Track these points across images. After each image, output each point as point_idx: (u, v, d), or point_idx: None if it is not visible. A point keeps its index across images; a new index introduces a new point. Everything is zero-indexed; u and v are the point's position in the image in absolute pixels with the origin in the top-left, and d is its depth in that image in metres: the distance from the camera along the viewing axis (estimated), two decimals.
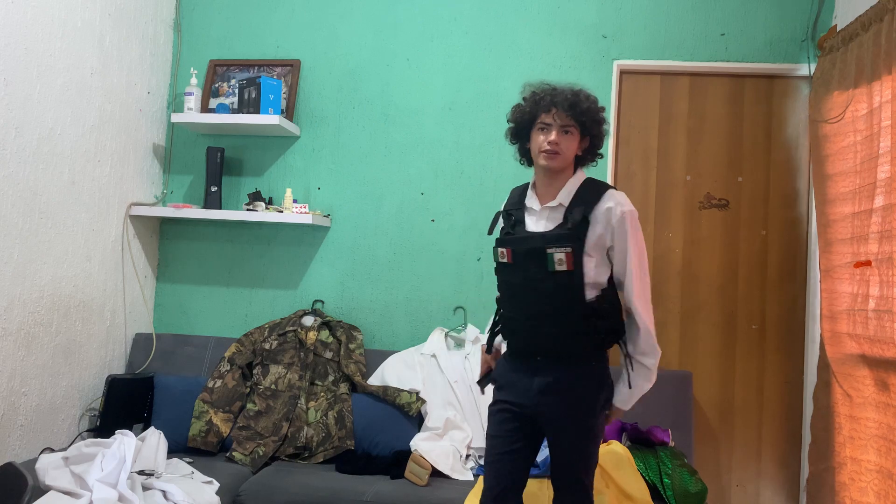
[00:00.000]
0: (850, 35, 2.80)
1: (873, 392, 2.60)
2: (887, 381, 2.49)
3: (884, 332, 2.49)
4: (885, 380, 2.51)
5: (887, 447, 2.52)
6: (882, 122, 2.52)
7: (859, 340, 2.66)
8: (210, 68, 3.51)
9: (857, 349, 2.68)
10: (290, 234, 3.44)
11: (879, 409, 2.56)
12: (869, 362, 2.60)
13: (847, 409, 2.77)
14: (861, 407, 2.67)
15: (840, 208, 2.82)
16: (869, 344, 2.58)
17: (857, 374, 2.69)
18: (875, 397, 2.58)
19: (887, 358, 2.48)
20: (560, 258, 2.00)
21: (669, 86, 3.34)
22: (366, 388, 3.05)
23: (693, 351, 3.26)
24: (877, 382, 2.58)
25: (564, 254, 2.00)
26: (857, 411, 2.70)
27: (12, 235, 2.60)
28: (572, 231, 2.01)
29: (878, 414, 2.56)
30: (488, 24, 3.39)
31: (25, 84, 2.63)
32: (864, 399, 2.65)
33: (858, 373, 2.68)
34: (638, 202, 3.30)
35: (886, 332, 2.48)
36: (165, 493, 2.38)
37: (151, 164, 3.43)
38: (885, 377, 2.51)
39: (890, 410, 2.50)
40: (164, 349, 3.29)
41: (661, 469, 2.64)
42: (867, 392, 2.63)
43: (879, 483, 2.56)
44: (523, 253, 2.06)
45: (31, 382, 2.71)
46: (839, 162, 2.85)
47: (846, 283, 2.77)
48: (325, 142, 3.45)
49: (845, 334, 2.77)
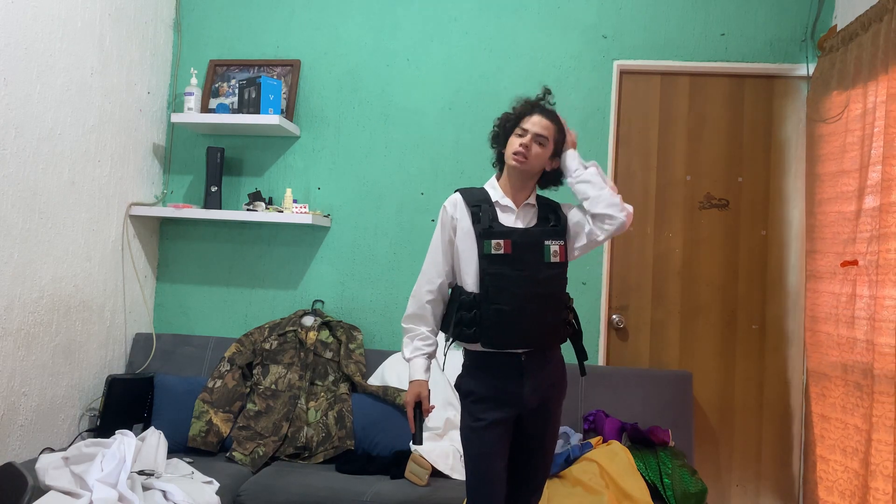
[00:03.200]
0: (849, 35, 2.80)
1: (843, 393, 2.61)
2: (861, 383, 2.50)
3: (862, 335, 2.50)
4: (858, 381, 2.52)
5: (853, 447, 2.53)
6: (876, 123, 2.52)
7: (838, 341, 2.67)
8: (210, 68, 3.51)
9: (835, 350, 2.69)
10: (290, 234, 3.44)
11: (848, 411, 2.57)
12: (845, 364, 2.61)
13: (820, 408, 2.79)
14: (832, 407, 2.69)
15: (830, 208, 2.83)
16: (849, 345, 2.59)
17: (832, 374, 2.70)
18: (845, 399, 2.60)
19: (863, 361, 2.48)
20: (555, 250, 2.13)
21: (669, 86, 3.34)
22: (366, 388, 3.05)
23: (693, 351, 3.26)
24: (849, 384, 2.58)
25: (558, 246, 2.14)
26: (828, 411, 2.72)
27: (12, 235, 2.60)
28: (557, 226, 2.17)
29: (847, 415, 2.57)
30: (488, 24, 3.39)
31: (25, 84, 2.63)
32: (835, 399, 2.67)
33: (834, 373, 2.69)
34: (638, 202, 3.30)
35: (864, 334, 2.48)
36: (165, 493, 2.38)
37: (151, 164, 3.43)
38: (858, 379, 2.52)
39: (858, 412, 2.51)
40: (164, 349, 3.29)
41: (661, 469, 2.64)
42: (838, 392, 2.64)
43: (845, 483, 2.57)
44: (523, 244, 2.10)
45: (31, 382, 2.71)
46: (831, 162, 2.85)
47: (830, 284, 2.78)
48: (325, 142, 3.45)
49: (824, 334, 2.78)
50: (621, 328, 3.30)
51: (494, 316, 2.09)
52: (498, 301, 2.09)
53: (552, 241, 2.13)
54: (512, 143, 2.15)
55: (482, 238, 2.11)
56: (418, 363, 2.19)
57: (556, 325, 2.15)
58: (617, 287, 3.31)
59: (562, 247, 2.14)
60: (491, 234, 2.11)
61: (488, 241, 2.10)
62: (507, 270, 2.09)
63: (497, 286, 2.09)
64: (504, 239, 2.10)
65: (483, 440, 2.09)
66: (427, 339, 2.21)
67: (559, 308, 2.15)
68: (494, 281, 2.10)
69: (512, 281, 2.08)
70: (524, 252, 2.10)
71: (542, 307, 2.11)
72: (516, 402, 2.09)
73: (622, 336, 3.30)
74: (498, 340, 2.11)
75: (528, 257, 2.10)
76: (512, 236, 2.11)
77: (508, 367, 2.10)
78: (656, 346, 3.28)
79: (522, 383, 2.09)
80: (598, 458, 2.62)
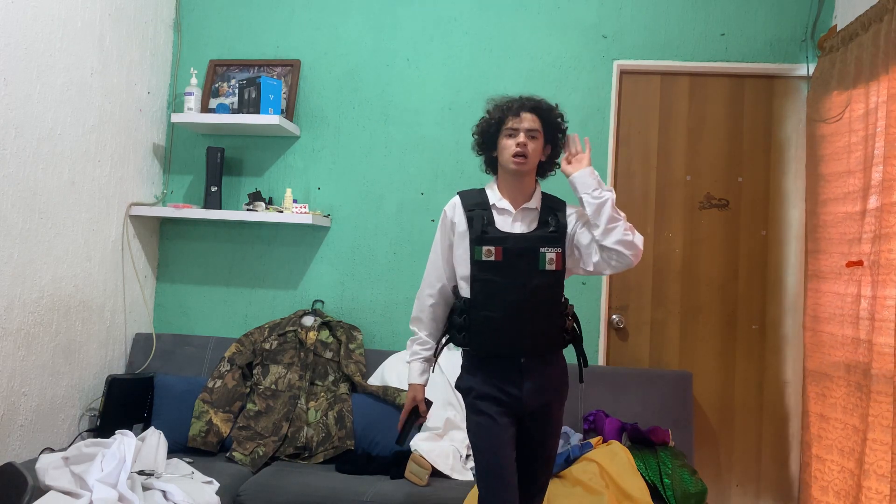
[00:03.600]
0: (849, 35, 2.80)
1: (844, 393, 2.61)
2: (861, 384, 2.50)
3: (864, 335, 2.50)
4: (859, 382, 2.52)
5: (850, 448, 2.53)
6: (878, 123, 2.52)
7: (842, 342, 2.67)
8: (210, 68, 3.51)
9: (839, 350, 2.69)
10: (290, 234, 3.44)
11: (847, 411, 2.57)
12: (847, 364, 2.61)
13: (819, 408, 2.79)
14: (832, 407, 2.69)
15: (833, 209, 2.83)
16: (853, 346, 2.59)
17: (833, 374, 2.70)
18: (846, 399, 2.60)
19: (864, 361, 2.48)
20: (551, 258, 2.07)
21: (669, 86, 3.34)
22: (366, 388, 3.05)
23: (693, 351, 3.27)
24: (850, 384, 2.58)
25: (555, 254, 2.08)
26: (828, 411, 2.72)
27: (12, 235, 2.60)
28: (556, 232, 2.10)
29: (846, 415, 2.58)
30: (488, 24, 3.39)
31: (25, 84, 2.63)
32: (836, 400, 2.67)
33: (835, 373, 2.69)
34: (638, 202, 3.31)
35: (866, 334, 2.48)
36: (165, 493, 2.38)
37: (151, 164, 3.43)
38: (859, 379, 2.52)
39: (857, 412, 2.51)
40: (164, 349, 3.29)
41: (661, 469, 2.64)
42: (840, 392, 2.65)
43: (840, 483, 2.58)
44: (515, 251, 2.06)
45: (31, 382, 2.71)
46: (834, 162, 2.85)
47: (833, 285, 2.78)
48: (325, 142, 3.45)
49: (827, 334, 2.78)
50: (621, 328, 3.30)
51: (482, 323, 2.07)
52: (486, 308, 2.07)
53: (548, 249, 2.08)
54: (507, 147, 2.11)
55: (473, 244, 2.09)
56: (415, 367, 2.24)
57: (549, 333, 2.11)
58: (617, 287, 3.31)
59: (559, 254, 2.09)
60: (482, 241, 2.08)
61: (479, 247, 2.08)
62: (497, 277, 2.06)
63: (486, 293, 2.07)
64: (496, 246, 2.06)
65: (491, 432, 2.06)
66: (425, 343, 2.24)
67: (553, 316, 2.11)
68: (484, 287, 2.08)
69: (501, 288, 2.05)
70: (516, 259, 2.06)
71: (534, 315, 2.07)
72: (515, 403, 2.06)
73: (622, 336, 3.30)
74: (486, 347, 2.09)
75: (520, 264, 2.06)
76: (505, 243, 2.07)
77: (507, 370, 2.08)
78: (656, 346, 3.28)
79: (522, 385, 2.07)
80: (598, 458, 2.62)
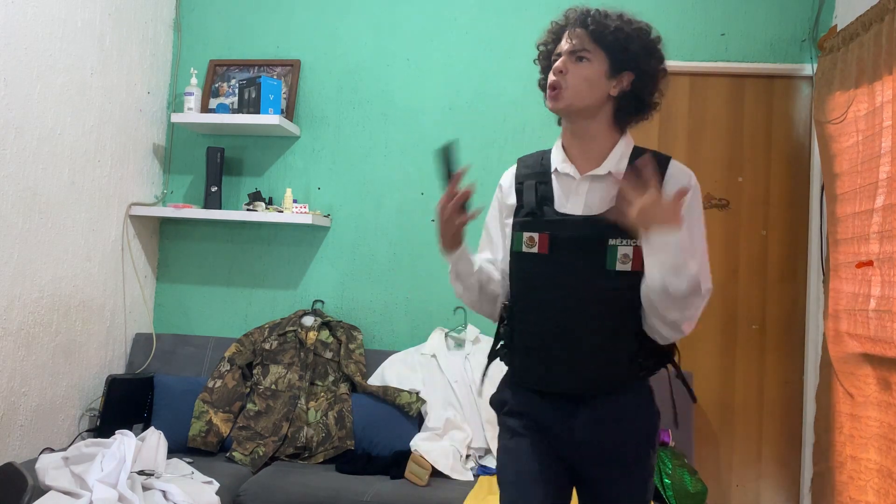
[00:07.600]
0: (850, 35, 2.80)
1: (875, 391, 2.60)
2: (889, 380, 2.50)
3: (885, 332, 2.50)
4: (887, 378, 2.52)
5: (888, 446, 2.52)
6: (883, 122, 2.52)
7: (861, 340, 2.67)
8: (210, 68, 3.51)
9: (860, 348, 2.68)
10: (290, 234, 3.44)
11: (881, 408, 2.56)
12: (871, 361, 2.61)
13: (848, 407, 2.77)
14: (863, 406, 2.68)
15: (845, 207, 2.83)
16: (871, 343, 2.59)
17: (858, 372, 2.69)
18: (877, 396, 2.59)
19: (889, 357, 2.48)
20: (626, 253, 1.46)
21: (669, 86, 3.33)
22: (366, 388, 3.05)
23: (693, 351, 3.26)
24: (879, 381, 2.58)
25: (632, 248, 1.46)
26: (858, 410, 2.71)
27: (12, 235, 2.60)
28: None
29: (880, 413, 2.57)
30: (488, 24, 3.39)
31: (25, 84, 2.63)
32: (866, 398, 2.66)
33: (860, 371, 2.68)
34: None
35: (887, 331, 2.48)
36: (165, 494, 2.38)
37: (151, 164, 3.43)
38: (887, 376, 2.52)
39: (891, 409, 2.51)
40: (164, 349, 3.29)
41: (661, 469, 2.64)
42: (869, 391, 2.64)
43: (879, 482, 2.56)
44: (570, 242, 1.49)
45: (31, 382, 2.71)
46: (843, 162, 2.85)
47: (849, 283, 2.77)
48: (324, 142, 3.45)
49: (847, 333, 2.77)
50: None
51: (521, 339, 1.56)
52: (525, 321, 1.55)
53: (622, 241, 1.46)
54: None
55: (514, 228, 1.56)
56: None
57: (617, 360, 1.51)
58: None
59: (637, 248, 1.45)
60: (525, 224, 1.53)
61: (520, 233, 1.53)
62: (540, 279, 1.51)
63: (527, 299, 1.55)
64: (540, 232, 1.49)
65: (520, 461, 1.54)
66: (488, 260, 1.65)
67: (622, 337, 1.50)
68: (524, 291, 1.55)
69: (545, 293, 1.51)
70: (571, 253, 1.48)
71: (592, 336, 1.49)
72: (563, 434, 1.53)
73: None
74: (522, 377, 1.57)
75: (577, 262, 1.48)
76: (554, 228, 1.49)
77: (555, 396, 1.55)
78: None
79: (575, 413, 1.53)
80: None
